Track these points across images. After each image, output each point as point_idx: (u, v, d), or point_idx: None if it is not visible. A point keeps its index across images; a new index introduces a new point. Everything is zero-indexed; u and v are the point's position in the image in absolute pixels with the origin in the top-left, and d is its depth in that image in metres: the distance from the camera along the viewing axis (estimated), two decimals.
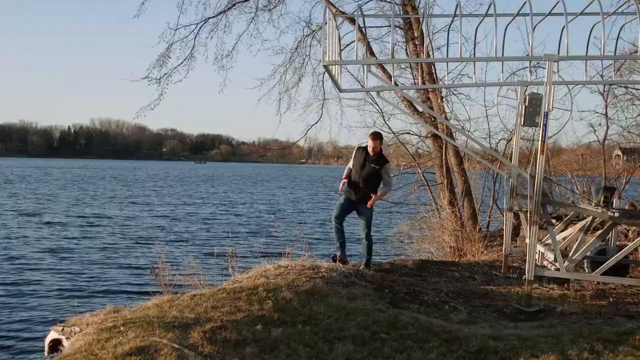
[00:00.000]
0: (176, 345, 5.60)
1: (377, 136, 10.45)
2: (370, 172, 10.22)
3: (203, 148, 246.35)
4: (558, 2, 9.72)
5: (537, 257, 10.02)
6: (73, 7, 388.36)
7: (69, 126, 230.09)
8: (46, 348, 6.76)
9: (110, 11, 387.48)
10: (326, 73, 10.64)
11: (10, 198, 54.31)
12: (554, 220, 11.81)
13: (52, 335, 6.66)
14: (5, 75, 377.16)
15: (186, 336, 5.91)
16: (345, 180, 10.54)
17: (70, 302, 17.04)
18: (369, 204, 10.26)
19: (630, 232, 14.25)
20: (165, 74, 18.40)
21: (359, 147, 10.60)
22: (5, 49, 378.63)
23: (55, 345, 6.61)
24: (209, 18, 18.69)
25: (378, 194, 10.39)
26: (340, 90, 10.41)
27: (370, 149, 10.27)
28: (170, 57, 18.43)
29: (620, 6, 10.39)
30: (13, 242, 28.82)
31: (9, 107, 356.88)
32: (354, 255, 12.03)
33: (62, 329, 6.57)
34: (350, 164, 10.58)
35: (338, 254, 10.44)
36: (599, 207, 10.37)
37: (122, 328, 6.09)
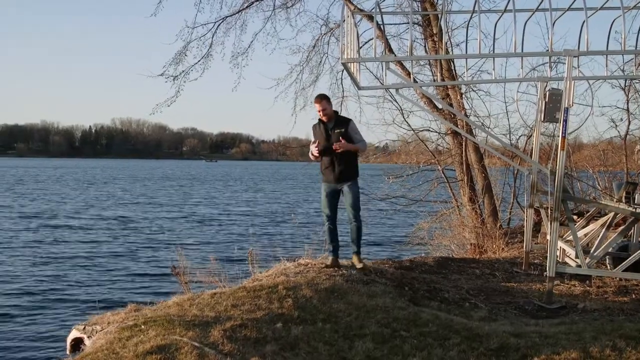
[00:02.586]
0: (197, 344, 5.62)
1: (321, 97, 9.15)
2: (338, 139, 8.91)
3: (223, 147, 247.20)
4: None
5: (558, 253, 9.96)
6: (95, 6, 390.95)
7: (90, 126, 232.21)
8: (68, 347, 6.81)
9: (130, 10, 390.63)
10: (345, 71, 10.63)
11: (26, 199, 54.84)
12: (575, 217, 11.75)
13: (74, 334, 6.71)
14: (27, 75, 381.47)
15: (206, 334, 5.93)
16: (316, 148, 9.10)
17: (91, 301, 17.18)
18: (336, 146, 8.83)
19: None
20: (183, 71, 18.45)
21: (313, 125, 9.31)
22: (28, 50, 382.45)
23: (77, 343, 6.66)
24: (227, 17, 18.71)
25: (353, 145, 8.99)
26: (359, 88, 10.39)
27: (321, 116, 9.06)
28: (186, 55, 18.48)
29: None
30: (33, 244, 29.05)
31: (31, 108, 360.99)
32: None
33: (84, 328, 6.62)
34: (313, 146, 9.17)
35: (330, 259, 9.34)
36: (621, 203, 10.30)
37: (143, 326, 6.12)
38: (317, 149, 9.10)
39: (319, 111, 9.04)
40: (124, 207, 49.75)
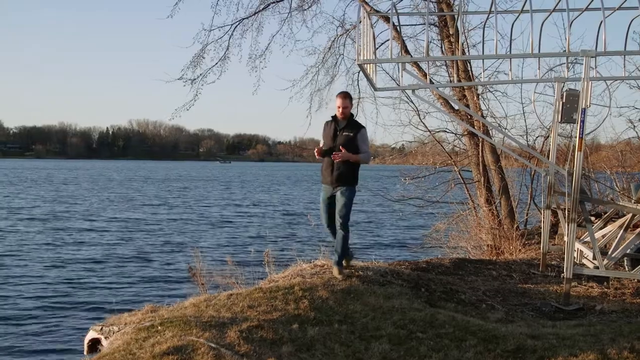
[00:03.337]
0: (213, 345, 5.64)
1: (345, 94, 8.74)
2: (345, 142, 8.43)
3: (239, 148, 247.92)
4: None
5: (575, 255, 9.91)
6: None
7: (107, 127, 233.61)
8: (85, 347, 6.86)
9: (144, 11, 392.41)
10: (361, 72, 10.62)
11: (42, 200, 55.20)
12: (592, 218, 11.67)
13: (91, 334, 6.75)
14: (45, 77, 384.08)
15: (223, 335, 5.95)
16: (319, 150, 8.71)
17: (108, 302, 17.28)
18: (335, 156, 8.32)
19: None
20: (200, 74, 18.42)
21: (327, 121, 8.84)
22: (46, 51, 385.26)
23: (94, 344, 6.70)
24: (244, 18, 18.68)
25: (354, 156, 8.45)
26: (376, 89, 10.39)
27: (338, 112, 8.57)
28: (204, 58, 18.46)
29: None
30: (48, 246, 29.22)
31: (49, 110, 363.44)
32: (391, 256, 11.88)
33: (101, 329, 6.65)
34: (321, 143, 8.82)
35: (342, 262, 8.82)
36: (639, 204, 10.22)
37: (159, 327, 6.15)
38: (317, 152, 8.75)
39: (339, 107, 8.57)
40: (139, 208, 49.91)
